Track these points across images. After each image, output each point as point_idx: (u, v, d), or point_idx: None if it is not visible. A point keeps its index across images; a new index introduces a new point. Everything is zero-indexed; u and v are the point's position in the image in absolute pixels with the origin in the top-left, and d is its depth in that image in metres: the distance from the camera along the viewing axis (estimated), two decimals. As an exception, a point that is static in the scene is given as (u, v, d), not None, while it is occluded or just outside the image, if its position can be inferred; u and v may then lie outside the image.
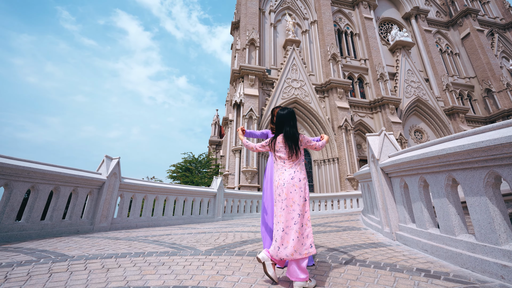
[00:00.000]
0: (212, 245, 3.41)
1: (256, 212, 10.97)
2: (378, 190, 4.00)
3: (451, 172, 2.52)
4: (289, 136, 2.19)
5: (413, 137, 21.24)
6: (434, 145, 2.82)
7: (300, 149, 2.21)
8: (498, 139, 1.90)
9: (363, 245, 3.31)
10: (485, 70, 24.35)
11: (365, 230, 4.49)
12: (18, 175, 3.87)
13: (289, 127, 2.23)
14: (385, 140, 4.01)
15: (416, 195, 3.12)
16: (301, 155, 2.22)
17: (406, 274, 2.10)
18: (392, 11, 27.13)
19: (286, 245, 1.92)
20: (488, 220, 2.12)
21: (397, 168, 3.45)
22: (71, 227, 4.80)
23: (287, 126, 2.23)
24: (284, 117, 2.27)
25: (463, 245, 2.36)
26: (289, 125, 2.24)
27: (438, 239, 2.71)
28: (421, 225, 3.05)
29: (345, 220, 6.15)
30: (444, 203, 2.62)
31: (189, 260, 2.58)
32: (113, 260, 2.55)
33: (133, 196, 6.53)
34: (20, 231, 3.90)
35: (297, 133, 2.22)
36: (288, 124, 2.24)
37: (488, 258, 2.09)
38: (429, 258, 2.62)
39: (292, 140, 2.18)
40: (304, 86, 18.42)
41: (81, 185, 5.05)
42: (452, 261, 2.43)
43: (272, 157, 2.58)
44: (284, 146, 2.19)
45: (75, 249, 3.14)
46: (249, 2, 20.22)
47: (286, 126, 2.23)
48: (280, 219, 2.02)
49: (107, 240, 3.86)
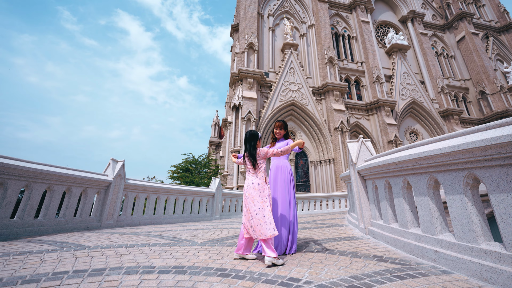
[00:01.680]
0: (207, 239, 3.92)
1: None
2: (355, 191, 4.50)
3: (406, 176, 3.02)
4: (249, 154, 2.86)
5: (408, 139, 21.73)
6: (396, 152, 3.32)
7: (258, 162, 2.85)
8: (438, 150, 2.39)
9: (338, 238, 3.82)
10: (479, 73, 24.82)
11: (346, 226, 5.00)
12: (37, 177, 4.38)
13: (250, 147, 2.88)
14: (362, 146, 4.51)
15: (383, 195, 3.63)
16: (259, 166, 2.85)
17: (362, 259, 2.60)
18: (389, 14, 27.62)
19: (254, 229, 2.56)
20: (429, 215, 2.62)
21: (369, 172, 3.95)
22: (81, 223, 5.31)
23: (249, 146, 2.88)
24: (246, 139, 2.93)
25: (412, 236, 2.87)
26: (250, 145, 2.89)
27: (396, 232, 3.21)
28: (386, 221, 3.56)
29: (332, 218, 6.65)
30: (401, 202, 3.13)
31: (187, 249, 3.09)
32: (123, 249, 3.06)
33: (136, 196, 7.03)
34: (38, 226, 4.41)
35: (254, 151, 2.85)
36: (249, 144, 2.89)
37: (427, 246, 2.59)
38: (388, 248, 3.13)
39: (251, 156, 2.84)
40: (302, 89, 18.92)
41: (90, 185, 5.56)
42: (404, 249, 2.93)
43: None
44: (248, 161, 2.85)
45: (89, 241, 3.65)
46: (248, 7, 20.72)
47: (248, 146, 2.89)
48: (246, 212, 2.71)
49: (116, 235, 4.37)
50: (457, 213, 2.27)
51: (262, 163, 2.87)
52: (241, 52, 19.03)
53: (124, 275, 2.00)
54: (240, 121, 16.41)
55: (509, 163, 1.81)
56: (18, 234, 4.04)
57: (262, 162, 2.88)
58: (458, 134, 2.30)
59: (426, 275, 2.11)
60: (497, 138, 1.79)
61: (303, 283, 1.88)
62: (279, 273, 2.13)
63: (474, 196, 2.21)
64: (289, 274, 2.11)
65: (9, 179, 3.93)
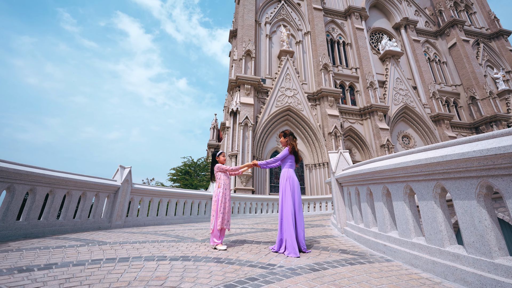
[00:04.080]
0: (206, 236, 4.60)
1: (249, 213, 12.14)
2: (335, 195, 5.20)
3: (369, 185, 3.72)
4: (211, 169, 4.15)
5: (400, 142, 22.47)
6: (363, 165, 4.01)
7: (215, 175, 4.05)
8: (386, 166, 3.08)
9: (318, 237, 4.51)
10: (469, 79, 25.67)
11: (327, 227, 5.70)
12: (59, 184, 5.05)
13: (211, 163, 4.15)
14: (341, 157, 5.22)
15: (353, 200, 4.33)
16: (218, 178, 3.99)
17: (329, 252, 3.29)
18: (383, 21, 28.44)
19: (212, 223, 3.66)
20: (383, 217, 3.32)
21: (344, 180, 4.65)
22: (95, 224, 5.98)
23: (212, 162, 4.06)
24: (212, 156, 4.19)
25: (372, 234, 3.56)
26: (212, 162, 4.16)
27: (362, 231, 3.91)
28: (356, 222, 4.26)
29: (319, 220, 7.35)
30: (365, 206, 3.82)
31: (190, 244, 3.77)
32: (138, 244, 3.74)
33: (141, 199, 7.70)
34: (60, 226, 5.07)
35: (213, 166, 4.02)
36: (212, 160, 4.15)
37: (380, 241, 3.29)
38: (354, 243, 3.82)
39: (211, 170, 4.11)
40: (297, 95, 19.65)
41: (102, 190, 6.23)
42: (365, 244, 3.63)
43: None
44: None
45: (107, 238, 4.32)
46: (246, 15, 21.47)
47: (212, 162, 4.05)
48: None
49: (127, 234, 5.04)
50: (399, 215, 2.97)
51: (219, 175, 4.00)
52: (239, 59, 19.75)
53: (145, 262, 2.68)
54: (238, 126, 17.10)
55: (429, 179, 2.52)
56: (45, 232, 4.71)
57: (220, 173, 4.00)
58: (400, 154, 3.00)
59: (372, 262, 2.80)
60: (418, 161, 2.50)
61: (277, 267, 2.56)
62: (262, 260, 2.82)
63: (411, 203, 2.91)
64: (269, 261, 2.79)
65: (37, 185, 4.61)
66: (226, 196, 3.90)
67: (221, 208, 3.77)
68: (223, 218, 3.72)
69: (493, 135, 1.91)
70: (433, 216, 2.46)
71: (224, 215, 3.76)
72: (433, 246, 2.45)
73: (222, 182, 3.93)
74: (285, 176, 3.65)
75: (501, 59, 28.95)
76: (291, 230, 3.28)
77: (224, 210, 3.79)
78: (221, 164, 4.05)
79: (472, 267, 2.05)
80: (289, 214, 3.40)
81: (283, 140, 3.96)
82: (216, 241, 3.56)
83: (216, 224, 3.63)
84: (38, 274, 2.19)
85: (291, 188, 3.58)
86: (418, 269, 2.53)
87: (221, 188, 3.89)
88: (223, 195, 3.85)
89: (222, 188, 3.89)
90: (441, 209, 2.44)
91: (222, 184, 3.91)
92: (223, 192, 3.88)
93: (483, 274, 1.95)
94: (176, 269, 2.42)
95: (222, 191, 3.87)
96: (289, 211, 3.42)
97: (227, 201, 3.88)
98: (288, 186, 3.57)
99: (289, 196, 3.51)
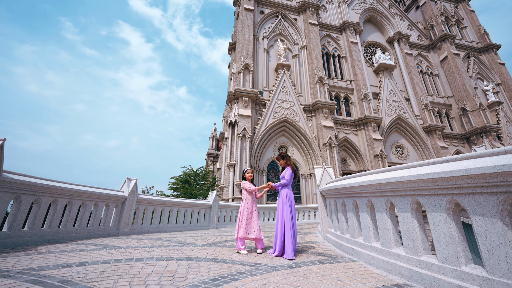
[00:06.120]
0: (206, 242, 5.25)
1: (246, 221, 12.73)
2: (320, 206, 5.88)
3: (343, 198, 4.41)
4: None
5: (394, 153, 23.20)
6: (339, 181, 4.71)
7: (242, 192, 4.52)
8: (356, 183, 3.77)
9: (302, 242, 5.17)
10: (460, 91, 26.62)
11: (314, 234, 6.35)
12: (75, 195, 5.72)
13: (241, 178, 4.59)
14: (325, 172, 5.91)
15: (333, 210, 5.01)
16: (242, 193, 4.52)
17: (307, 254, 3.95)
18: (376, 35, 29.56)
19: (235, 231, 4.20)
20: (353, 224, 4.00)
21: (326, 193, 5.34)
22: (105, 231, 6.62)
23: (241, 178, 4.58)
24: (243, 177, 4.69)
25: (345, 240, 4.24)
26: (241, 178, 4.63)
27: (339, 237, 4.58)
28: (335, 229, 4.93)
29: (308, 227, 7.99)
30: (341, 216, 4.50)
31: (192, 248, 4.43)
32: (148, 248, 4.40)
33: (145, 208, 8.35)
34: (75, 233, 5.72)
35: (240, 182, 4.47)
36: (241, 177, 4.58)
37: (350, 245, 3.96)
38: (332, 248, 4.49)
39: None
40: (293, 107, 20.46)
41: (111, 200, 6.89)
42: (340, 249, 4.29)
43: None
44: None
45: (120, 244, 4.97)
46: (244, 30, 22.46)
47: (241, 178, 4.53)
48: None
49: (135, 240, 5.69)
50: (363, 224, 3.65)
51: (243, 191, 4.48)
52: (238, 72, 20.64)
53: (157, 261, 3.34)
54: (236, 137, 17.83)
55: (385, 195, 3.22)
56: (64, 238, 5.36)
57: (243, 190, 4.44)
58: (365, 174, 3.70)
59: (340, 262, 3.47)
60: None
61: (262, 265, 3.23)
62: (251, 260, 3.49)
63: (372, 213, 3.59)
64: (256, 261, 3.46)
65: (58, 197, 5.28)
66: (248, 209, 4.35)
67: (243, 220, 4.24)
68: (245, 229, 4.19)
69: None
70: (384, 224, 3.15)
71: (246, 225, 4.22)
72: (385, 249, 3.13)
73: (244, 197, 4.45)
74: (285, 194, 4.32)
75: (491, 72, 30.00)
76: (289, 237, 3.90)
77: (246, 221, 4.25)
78: (245, 183, 4.53)
79: (406, 263, 2.73)
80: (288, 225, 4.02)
81: (282, 162, 4.65)
82: (240, 247, 4.14)
83: (238, 234, 4.17)
84: (78, 269, 2.85)
85: (289, 204, 4.23)
86: (373, 267, 3.20)
87: (243, 202, 4.41)
88: (244, 208, 4.35)
89: (244, 203, 4.40)
90: (390, 219, 3.13)
91: (244, 199, 4.44)
92: (245, 205, 4.37)
93: (412, 268, 2.63)
94: (182, 266, 3.09)
95: (244, 205, 4.38)
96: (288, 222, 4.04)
97: (249, 213, 4.32)
98: (287, 203, 4.22)
99: (288, 211, 4.15)
